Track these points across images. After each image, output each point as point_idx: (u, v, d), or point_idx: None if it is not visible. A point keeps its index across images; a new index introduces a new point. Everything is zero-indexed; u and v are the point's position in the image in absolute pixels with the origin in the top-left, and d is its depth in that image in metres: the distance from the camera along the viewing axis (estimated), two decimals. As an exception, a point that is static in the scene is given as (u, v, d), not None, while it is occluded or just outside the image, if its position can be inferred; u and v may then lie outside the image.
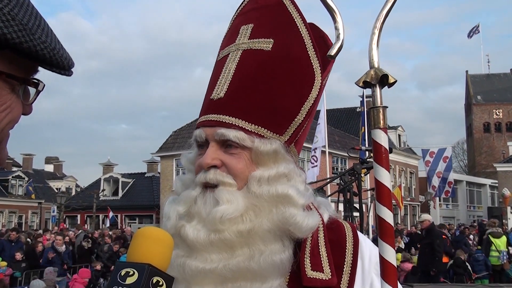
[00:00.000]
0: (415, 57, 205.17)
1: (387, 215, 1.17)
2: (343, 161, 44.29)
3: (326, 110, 21.68)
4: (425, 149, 35.67)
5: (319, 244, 1.40)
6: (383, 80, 1.18)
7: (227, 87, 1.44)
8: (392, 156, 45.46)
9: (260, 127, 1.40)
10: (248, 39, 1.48)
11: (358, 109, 39.66)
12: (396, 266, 1.18)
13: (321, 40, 1.55)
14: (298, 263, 1.37)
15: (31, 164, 59.66)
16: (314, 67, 1.45)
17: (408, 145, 56.45)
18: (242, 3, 1.60)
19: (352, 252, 1.44)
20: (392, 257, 1.17)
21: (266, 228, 1.34)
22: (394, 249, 1.19)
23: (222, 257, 1.32)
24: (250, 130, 1.39)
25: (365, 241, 1.51)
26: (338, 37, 1.25)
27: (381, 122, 1.19)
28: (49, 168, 64.92)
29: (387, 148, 1.19)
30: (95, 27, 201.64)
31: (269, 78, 1.43)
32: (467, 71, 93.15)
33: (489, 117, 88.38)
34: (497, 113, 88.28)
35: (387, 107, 1.19)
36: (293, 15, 1.49)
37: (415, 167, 55.11)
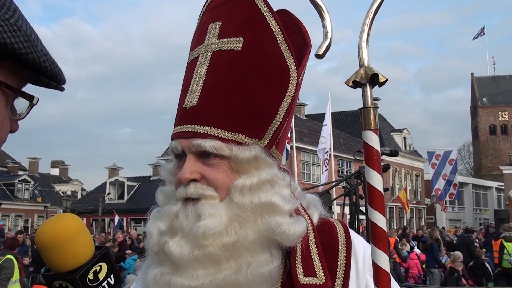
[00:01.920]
0: (418, 60, 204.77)
1: (380, 220, 1.13)
2: (348, 164, 44.20)
3: (331, 113, 21.67)
4: (431, 152, 35.47)
5: (310, 248, 1.35)
6: (374, 79, 1.14)
7: (199, 93, 1.36)
8: (398, 159, 45.34)
9: (237, 134, 1.33)
10: (217, 39, 1.41)
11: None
12: (389, 271, 1.14)
13: (295, 28, 1.49)
14: (289, 271, 1.33)
15: (37, 168, 59.91)
16: (288, 63, 1.37)
17: (413, 148, 56.30)
18: None
19: (345, 254, 1.40)
20: (385, 263, 1.13)
21: (252, 239, 1.28)
22: (388, 254, 1.15)
23: (208, 273, 1.27)
24: (227, 138, 1.32)
25: (358, 240, 1.46)
26: (326, 35, 1.21)
27: (372, 123, 1.15)
28: (55, 172, 65.12)
29: (379, 150, 1.14)
30: (99, 32, 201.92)
31: (242, 80, 1.35)
32: (472, 73, 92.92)
33: (495, 119, 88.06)
34: (503, 115, 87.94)
35: (377, 107, 1.15)
36: (261, 9, 1.40)
37: (420, 169, 54.95)
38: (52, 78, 1.00)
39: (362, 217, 10.93)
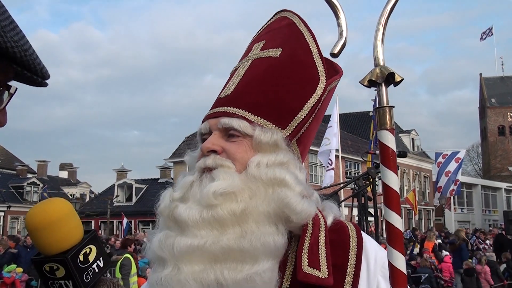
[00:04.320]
0: (424, 61, 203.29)
1: (396, 220, 1.12)
2: (356, 166, 44.09)
3: (339, 114, 21.60)
4: (439, 152, 35.22)
5: (319, 244, 1.38)
6: (389, 79, 1.14)
7: (235, 86, 1.51)
8: (406, 160, 45.17)
9: (263, 119, 1.44)
10: (259, 51, 1.57)
11: (371, 113, 39.46)
12: (405, 272, 1.13)
13: (330, 67, 1.60)
14: (295, 258, 1.36)
15: (45, 170, 60.08)
16: (319, 71, 1.51)
17: (422, 149, 56.03)
18: (258, 31, 1.70)
19: (356, 253, 1.42)
20: (402, 263, 1.12)
21: (261, 210, 1.34)
22: (404, 255, 1.14)
23: (212, 234, 1.31)
24: (252, 120, 1.43)
25: (370, 242, 1.48)
26: (341, 34, 1.22)
27: (388, 122, 1.14)
28: (64, 174, 65.32)
29: (395, 150, 1.14)
30: (107, 36, 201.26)
31: (274, 77, 1.49)
32: (481, 74, 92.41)
33: (503, 120, 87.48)
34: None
35: (393, 106, 1.15)
36: (302, 30, 1.57)
37: (429, 171, 54.70)
38: (25, 67, 0.97)
39: (370, 218, 10.89)
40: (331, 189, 13.19)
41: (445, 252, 18.62)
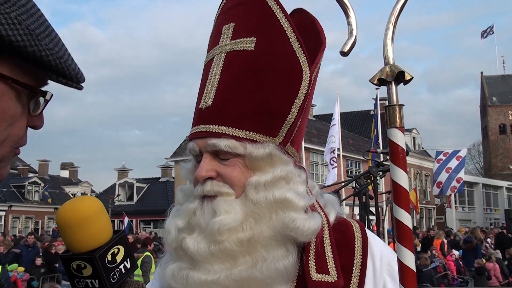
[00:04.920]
0: (425, 61, 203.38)
1: (405, 218, 1.12)
2: (357, 164, 44.07)
3: (340, 113, 21.60)
4: (440, 151, 35.04)
5: (324, 245, 1.36)
6: (399, 77, 1.14)
7: (213, 94, 1.40)
8: (407, 159, 44.92)
9: (251, 132, 1.36)
10: (231, 39, 1.44)
11: (371, 112, 39.37)
12: (415, 270, 1.14)
13: (311, 26, 1.51)
14: (302, 267, 1.34)
15: (47, 170, 60.10)
16: (300, 61, 1.38)
17: (423, 148, 55.99)
18: (222, 0, 1.54)
19: (361, 253, 1.41)
20: (411, 261, 1.12)
21: (267, 235, 1.31)
22: (413, 252, 1.14)
23: (224, 267, 1.30)
24: (241, 136, 1.35)
25: (374, 240, 1.47)
26: (351, 33, 1.21)
27: (398, 121, 1.14)
28: (65, 174, 65.32)
29: (404, 148, 1.14)
30: (107, 36, 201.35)
31: (255, 80, 1.38)
32: (482, 72, 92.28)
33: (504, 119, 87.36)
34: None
35: (403, 105, 1.15)
36: (273, 8, 1.42)
37: (430, 169, 54.57)
38: (60, 74, 0.98)
39: (372, 217, 10.89)
40: (332, 188, 13.20)
41: (455, 252, 18.64)
